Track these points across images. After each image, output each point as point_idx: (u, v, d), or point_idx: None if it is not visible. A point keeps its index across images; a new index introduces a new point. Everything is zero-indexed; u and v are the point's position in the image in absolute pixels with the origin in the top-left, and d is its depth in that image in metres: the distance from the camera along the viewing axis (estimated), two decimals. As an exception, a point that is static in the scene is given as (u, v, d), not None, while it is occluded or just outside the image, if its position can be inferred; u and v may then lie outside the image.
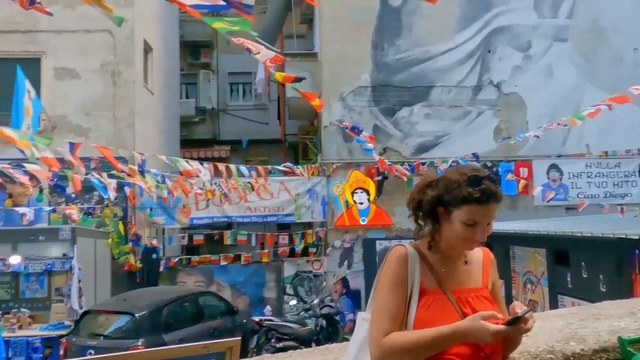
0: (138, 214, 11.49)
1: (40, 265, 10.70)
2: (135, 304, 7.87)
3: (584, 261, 7.12)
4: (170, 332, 7.81)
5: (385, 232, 12.62)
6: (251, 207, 12.13)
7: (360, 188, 12.56)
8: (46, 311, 10.42)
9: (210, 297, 9.45)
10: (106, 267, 10.96)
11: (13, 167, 5.15)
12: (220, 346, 3.48)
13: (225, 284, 11.81)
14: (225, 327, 9.08)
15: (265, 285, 12.01)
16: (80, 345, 7.45)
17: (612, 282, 6.47)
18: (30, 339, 8.65)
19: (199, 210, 11.77)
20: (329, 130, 12.84)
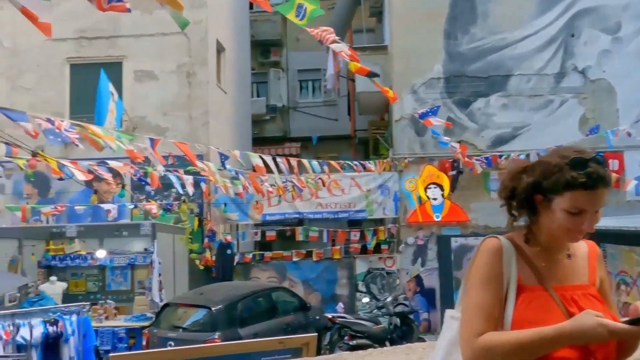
0: (213, 210, 11.80)
1: (123, 259, 11.27)
2: (211, 298, 8.03)
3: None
4: (245, 326, 7.90)
5: (461, 229, 12.14)
6: (322, 203, 12.09)
7: (434, 183, 12.16)
8: (129, 303, 10.95)
9: (284, 293, 9.50)
10: (184, 261, 11.34)
11: (98, 165, 5.40)
12: (297, 342, 3.40)
13: (297, 280, 11.86)
14: (298, 323, 9.08)
15: (337, 282, 11.93)
16: (161, 336, 7.71)
17: None
18: (115, 329, 9.11)
19: (271, 207, 11.88)
20: (401, 124, 12.53)
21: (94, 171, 5.16)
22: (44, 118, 3.93)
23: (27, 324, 6.69)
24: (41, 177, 12.16)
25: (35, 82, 12.60)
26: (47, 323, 6.82)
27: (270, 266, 11.95)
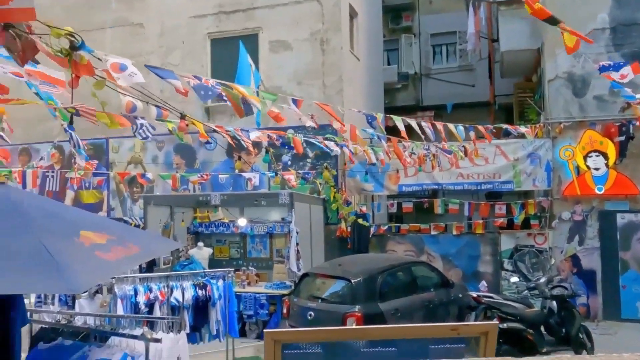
0: (348, 181, 11.55)
1: (263, 227, 11.57)
2: (350, 270, 7.78)
3: None
4: (385, 301, 7.54)
5: (630, 204, 10.48)
6: (463, 173, 11.21)
7: (596, 151, 10.60)
8: (269, 270, 11.26)
9: (424, 268, 8.95)
10: (320, 231, 11.31)
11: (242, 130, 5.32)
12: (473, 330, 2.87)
13: (436, 255, 11.23)
14: (439, 300, 8.51)
15: (480, 259, 11.07)
16: (301, 306, 7.67)
17: None
18: (257, 295, 9.34)
19: (408, 177, 11.31)
20: (555, 85, 11.06)
21: (237, 137, 5.07)
22: (191, 76, 3.81)
23: (179, 287, 7.02)
24: (188, 149, 12.90)
25: (181, 59, 13.28)
26: (196, 287, 7.10)
27: (406, 239, 11.45)
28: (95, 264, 3.11)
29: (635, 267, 10.38)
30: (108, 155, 13.44)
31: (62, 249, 3.03)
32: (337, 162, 11.35)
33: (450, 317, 8.72)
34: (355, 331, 2.47)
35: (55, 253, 2.78)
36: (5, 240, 2.93)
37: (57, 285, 2.64)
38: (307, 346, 2.59)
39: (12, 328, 3.42)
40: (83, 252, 3.20)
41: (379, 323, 7.25)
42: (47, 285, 2.70)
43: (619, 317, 10.36)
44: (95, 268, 3.06)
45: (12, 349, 3.44)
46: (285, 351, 2.51)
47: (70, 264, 2.74)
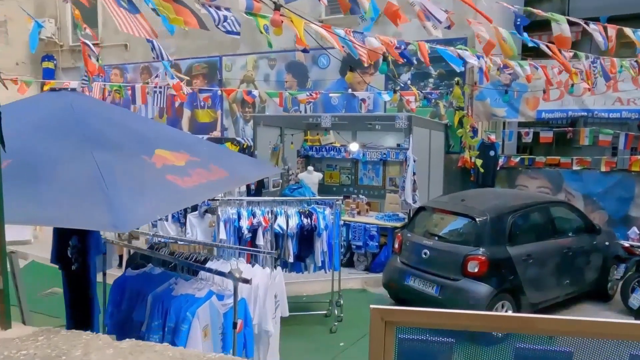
0: (476, 104, 10.10)
1: (376, 154, 10.73)
2: (474, 207, 6.73)
3: None
4: (515, 245, 6.45)
5: None
6: (622, 98, 9.21)
7: None
8: (380, 199, 10.53)
9: (565, 209, 7.58)
10: (439, 161, 10.19)
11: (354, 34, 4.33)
12: None
13: (577, 194, 9.62)
14: (581, 247, 7.21)
15: (633, 201, 9.28)
16: (415, 242, 6.87)
17: None
18: (367, 225, 8.69)
19: (550, 102, 9.57)
20: None
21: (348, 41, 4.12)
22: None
23: (283, 213, 6.54)
24: (300, 67, 12.19)
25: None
26: (302, 214, 6.57)
27: (541, 174, 9.91)
28: (162, 192, 2.50)
29: None
30: (221, 73, 13.21)
31: (124, 171, 2.44)
32: (464, 82, 9.90)
33: (593, 268, 7.41)
34: (510, 320, 1.57)
35: (110, 181, 2.19)
36: (60, 160, 2.40)
37: (101, 222, 2.07)
38: (434, 334, 1.78)
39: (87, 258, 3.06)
40: (151, 175, 2.60)
41: (506, 269, 6.27)
42: (92, 222, 2.15)
43: None
44: (161, 197, 2.44)
45: (88, 280, 3.11)
46: (400, 336, 1.71)
47: (124, 195, 2.13)
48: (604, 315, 7.16)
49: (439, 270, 6.45)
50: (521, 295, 6.39)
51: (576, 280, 7.18)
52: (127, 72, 14.72)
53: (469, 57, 5.33)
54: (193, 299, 3.40)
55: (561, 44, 4.96)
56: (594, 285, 7.50)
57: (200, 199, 4.37)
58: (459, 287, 6.21)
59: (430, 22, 3.99)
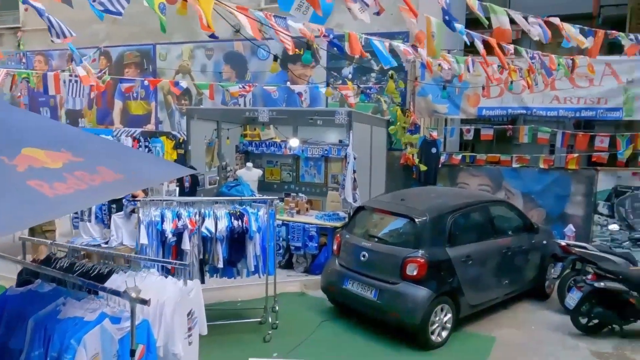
0: (418, 101, 9.91)
1: (317, 150, 10.38)
2: (414, 207, 6.48)
3: None
4: (455, 245, 6.26)
5: None
6: (559, 96, 9.27)
7: None
8: (323, 197, 10.19)
9: (504, 208, 7.49)
10: (381, 157, 9.95)
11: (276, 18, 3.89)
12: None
13: (516, 192, 9.63)
14: (520, 247, 7.13)
15: (570, 199, 9.38)
16: (354, 243, 6.56)
17: None
18: (306, 225, 8.31)
19: (491, 99, 9.51)
20: (696, -14, 8.59)
21: (267, 25, 3.67)
22: None
23: (212, 215, 6.03)
24: (239, 58, 11.62)
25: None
26: (232, 216, 6.08)
27: (482, 171, 9.86)
28: (17, 201, 1.99)
29: None
30: (155, 63, 12.44)
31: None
32: (406, 77, 9.69)
33: (531, 267, 7.36)
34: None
35: None
36: None
37: None
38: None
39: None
40: (6, 180, 2.08)
41: (446, 271, 6.06)
42: None
43: None
44: (16, 207, 1.94)
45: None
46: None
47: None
48: (541, 314, 7.12)
49: (377, 273, 6.17)
50: (461, 297, 6.21)
51: (515, 279, 7.10)
52: (52, 59, 13.63)
53: (404, 52, 5.01)
54: (82, 322, 2.89)
55: (501, 37, 4.74)
56: (532, 284, 7.46)
57: (74, 208, 3.82)
58: (398, 291, 5.94)
59: (356, 4, 3.63)
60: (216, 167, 10.15)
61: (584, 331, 6.40)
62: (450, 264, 6.10)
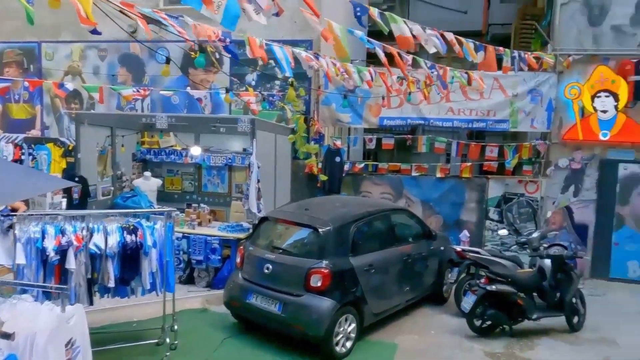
0: (322, 109, 9.96)
1: (221, 158, 10.06)
2: (318, 217, 6.44)
3: None
4: (358, 255, 6.30)
5: (636, 154, 9.34)
6: (454, 108, 9.77)
7: (606, 90, 9.28)
8: (227, 208, 9.87)
9: (404, 216, 7.70)
10: (286, 167, 9.86)
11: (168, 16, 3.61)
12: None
13: (415, 199, 9.99)
14: (419, 253, 7.36)
15: (464, 206, 9.91)
16: (257, 255, 6.37)
17: None
18: (208, 238, 7.97)
19: (391, 109, 9.80)
20: (569, 10, 9.49)
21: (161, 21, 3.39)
22: None
23: (101, 229, 5.54)
24: (135, 60, 10.97)
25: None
26: (125, 230, 5.63)
27: (384, 180, 10.12)
28: None
29: (632, 223, 9.43)
30: (41, 62, 11.38)
31: None
32: (310, 86, 9.70)
33: (430, 272, 7.63)
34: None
35: None
36: None
37: None
38: None
39: None
40: None
41: (349, 281, 6.06)
42: None
43: (607, 276, 9.52)
44: None
45: None
46: None
47: None
48: (440, 318, 7.38)
49: (281, 285, 6.03)
50: (364, 306, 6.25)
51: (416, 286, 7.30)
52: None
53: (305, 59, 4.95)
54: None
55: (403, 44, 4.85)
56: (431, 290, 7.72)
57: None
58: (302, 303, 5.84)
59: (251, 4, 3.48)
60: (110, 177, 9.46)
61: (478, 333, 6.71)
62: (353, 274, 6.12)
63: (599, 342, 6.77)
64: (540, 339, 6.77)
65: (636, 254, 9.40)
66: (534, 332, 6.95)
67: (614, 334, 7.06)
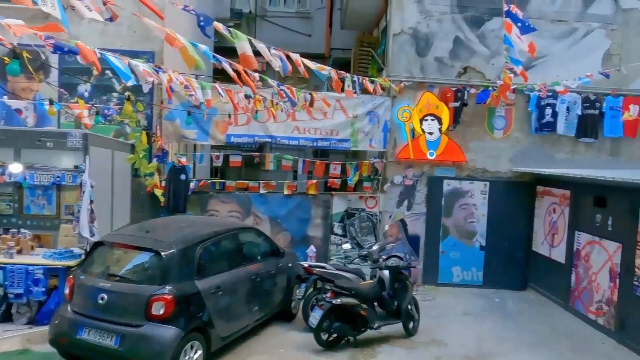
0: (165, 125, 9.46)
1: (47, 177, 8.92)
2: (161, 239, 6.05)
3: None
4: (204, 277, 6.05)
5: (456, 171, 10.53)
6: (300, 127, 10.03)
7: (432, 115, 10.33)
8: (55, 231, 8.77)
9: (252, 235, 7.63)
10: (126, 185, 9.14)
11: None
12: None
13: (264, 217, 9.99)
14: (267, 272, 7.35)
15: (310, 222, 10.17)
16: (90, 285, 5.75)
17: None
18: (30, 267, 6.99)
19: (238, 126, 9.71)
20: (400, 40, 10.42)
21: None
22: None
23: None
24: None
25: None
26: None
27: (232, 198, 9.94)
28: None
29: (454, 233, 10.56)
30: None
31: None
32: (152, 100, 9.17)
33: (278, 290, 7.64)
34: None
35: None
36: None
37: None
38: None
39: None
40: None
41: (195, 306, 5.78)
42: None
43: (436, 282, 10.51)
44: None
45: None
46: None
47: None
48: (289, 335, 7.41)
49: (119, 317, 5.51)
50: (211, 330, 6.00)
51: (264, 304, 7.25)
52: None
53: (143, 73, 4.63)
54: None
55: (246, 63, 4.80)
56: (280, 307, 7.74)
57: None
58: (142, 334, 5.40)
59: (81, 1, 3.13)
60: None
61: (325, 347, 6.87)
62: (199, 298, 5.85)
63: (431, 344, 7.39)
64: (381, 347, 7.17)
65: (459, 260, 10.54)
66: (376, 340, 7.34)
67: (444, 335, 7.77)
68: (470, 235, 10.54)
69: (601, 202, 8.48)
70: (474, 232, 10.52)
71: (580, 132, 10.34)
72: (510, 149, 10.51)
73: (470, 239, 10.54)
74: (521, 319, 8.73)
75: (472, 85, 10.32)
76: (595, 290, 8.43)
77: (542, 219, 10.35)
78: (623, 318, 7.69)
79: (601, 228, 8.39)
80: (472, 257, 10.52)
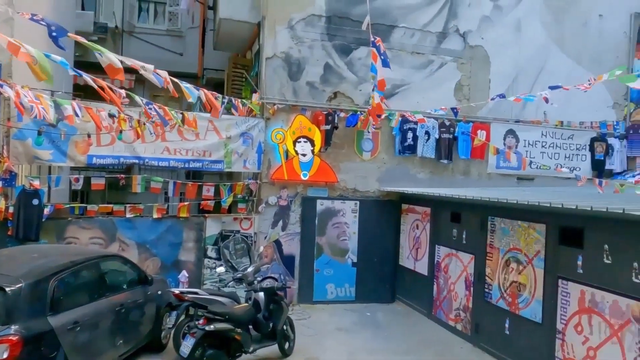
0: (14, 144, 8.48)
1: None
2: (6, 273, 5.38)
3: (607, 243, 5.91)
4: (59, 312, 5.48)
5: (329, 191, 10.87)
6: (170, 148, 9.64)
7: (304, 137, 10.59)
8: None
9: (117, 263, 7.08)
10: (-37, 213, 8.01)
11: None
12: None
13: (131, 243, 9.36)
14: (134, 301, 6.88)
15: (182, 246, 9.76)
16: None
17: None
18: None
19: (101, 147, 9.06)
20: (272, 64, 10.59)
21: None
22: None
23: None
24: None
25: None
26: None
27: (94, 223, 9.18)
28: None
29: (328, 251, 10.84)
30: None
31: None
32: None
33: (147, 320, 7.18)
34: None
35: None
36: None
37: None
38: None
39: None
40: None
41: (47, 346, 5.18)
42: None
43: (311, 300, 10.66)
44: None
45: None
46: None
47: None
48: (158, 368, 6.98)
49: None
50: (67, 371, 5.41)
51: (131, 337, 6.76)
52: None
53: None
54: None
55: (113, 73, 4.51)
56: (149, 338, 7.28)
57: None
58: (-21, 384, 4.70)
59: None
60: None
61: (198, 377, 6.56)
62: (53, 336, 5.26)
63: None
64: (257, 371, 7.05)
65: (333, 277, 10.82)
66: (251, 364, 7.20)
67: (319, 352, 7.88)
68: (343, 252, 10.90)
69: (456, 217, 9.30)
70: (346, 249, 10.90)
71: (438, 154, 11.30)
72: (378, 170, 11.13)
73: (342, 257, 10.89)
74: (390, 330, 9.17)
75: (342, 109, 10.80)
76: (453, 299, 9.17)
77: (407, 234, 11.07)
78: (477, 322, 8.45)
79: (457, 241, 9.19)
80: (345, 274, 10.88)
